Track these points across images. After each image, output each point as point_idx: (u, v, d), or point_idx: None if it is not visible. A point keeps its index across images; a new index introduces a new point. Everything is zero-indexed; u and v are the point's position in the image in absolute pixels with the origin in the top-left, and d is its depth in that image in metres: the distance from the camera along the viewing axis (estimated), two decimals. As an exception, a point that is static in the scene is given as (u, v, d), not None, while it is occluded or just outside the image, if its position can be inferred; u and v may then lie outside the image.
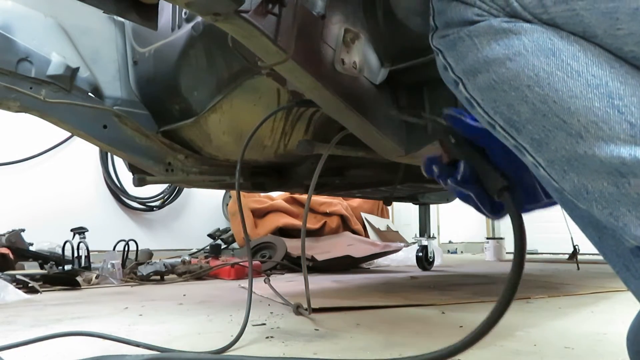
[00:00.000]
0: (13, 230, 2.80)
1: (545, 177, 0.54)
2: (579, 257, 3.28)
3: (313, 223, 3.68)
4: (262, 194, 3.75)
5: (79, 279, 2.29)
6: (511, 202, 0.63)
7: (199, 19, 1.39)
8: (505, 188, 0.65)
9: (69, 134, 3.39)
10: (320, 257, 2.96)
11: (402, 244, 3.60)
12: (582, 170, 0.49)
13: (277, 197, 3.90)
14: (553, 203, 0.67)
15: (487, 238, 4.81)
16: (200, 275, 2.67)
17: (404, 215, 5.15)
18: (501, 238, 4.68)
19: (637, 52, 0.48)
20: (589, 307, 1.57)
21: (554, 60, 0.50)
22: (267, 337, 1.12)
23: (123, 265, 2.68)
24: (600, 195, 0.48)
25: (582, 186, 0.49)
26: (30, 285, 2.08)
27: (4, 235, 2.75)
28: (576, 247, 3.30)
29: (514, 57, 0.52)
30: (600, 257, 0.60)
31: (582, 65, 0.49)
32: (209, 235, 4.16)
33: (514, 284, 0.58)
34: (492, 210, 0.69)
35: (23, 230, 2.85)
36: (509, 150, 0.61)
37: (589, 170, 0.48)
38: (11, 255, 2.51)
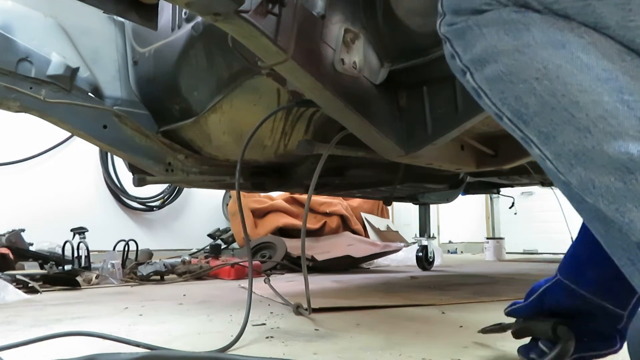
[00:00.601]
0: (13, 230, 2.80)
1: (552, 170, 0.53)
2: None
3: (313, 223, 3.68)
4: (262, 194, 3.75)
5: (79, 279, 2.29)
6: (566, 330, 0.73)
7: (199, 19, 1.39)
8: (557, 323, 0.74)
9: (69, 134, 3.39)
10: (320, 257, 2.96)
11: (402, 244, 3.60)
12: (589, 165, 0.48)
13: (277, 197, 3.90)
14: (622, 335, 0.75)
15: (487, 238, 4.81)
16: (200, 275, 2.67)
17: (404, 215, 5.15)
18: (501, 238, 4.68)
19: None
20: (589, 307, 1.57)
21: (563, 53, 0.49)
22: (267, 337, 1.12)
23: (123, 265, 2.68)
24: (607, 190, 0.48)
25: (589, 180, 0.49)
26: (30, 285, 2.08)
27: (4, 235, 2.75)
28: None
29: (522, 49, 0.51)
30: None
31: (593, 59, 0.48)
32: (209, 235, 4.16)
33: None
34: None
35: (23, 230, 2.85)
36: (565, 290, 0.72)
37: (596, 165, 0.48)
38: (11, 255, 2.50)
